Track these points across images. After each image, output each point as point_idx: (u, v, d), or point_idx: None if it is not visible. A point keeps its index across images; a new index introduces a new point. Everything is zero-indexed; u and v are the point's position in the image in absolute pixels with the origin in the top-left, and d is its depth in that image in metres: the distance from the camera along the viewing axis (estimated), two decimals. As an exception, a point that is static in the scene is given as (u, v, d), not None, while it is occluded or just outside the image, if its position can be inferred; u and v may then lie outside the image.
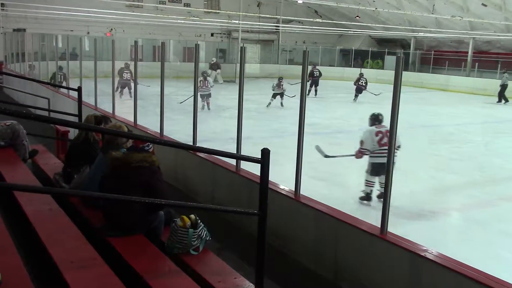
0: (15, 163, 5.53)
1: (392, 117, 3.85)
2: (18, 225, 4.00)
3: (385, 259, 3.97)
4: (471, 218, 7.26)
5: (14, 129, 6.04)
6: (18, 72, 17.95)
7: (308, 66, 5.18)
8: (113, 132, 4.19)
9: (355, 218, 4.34)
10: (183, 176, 6.86)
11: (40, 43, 17.59)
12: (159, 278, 3.24)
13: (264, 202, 3.35)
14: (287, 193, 4.97)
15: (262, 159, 3.29)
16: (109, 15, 27.10)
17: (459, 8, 26.81)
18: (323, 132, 13.01)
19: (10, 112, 2.62)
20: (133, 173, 3.86)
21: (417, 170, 9.37)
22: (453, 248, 5.27)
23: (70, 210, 4.25)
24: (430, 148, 11.84)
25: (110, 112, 9.02)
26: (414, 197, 7.70)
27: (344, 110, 18.44)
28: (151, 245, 3.72)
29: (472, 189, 8.64)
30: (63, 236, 3.64)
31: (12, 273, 2.82)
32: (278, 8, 33.56)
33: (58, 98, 11.84)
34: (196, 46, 6.89)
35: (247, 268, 4.10)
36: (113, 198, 3.68)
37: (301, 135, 4.78)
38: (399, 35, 34.73)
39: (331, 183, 8.32)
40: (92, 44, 13.55)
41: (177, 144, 4.98)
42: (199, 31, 33.35)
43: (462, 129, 15.28)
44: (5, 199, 4.45)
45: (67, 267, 3.13)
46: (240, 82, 5.77)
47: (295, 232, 4.91)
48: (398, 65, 3.83)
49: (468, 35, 29.53)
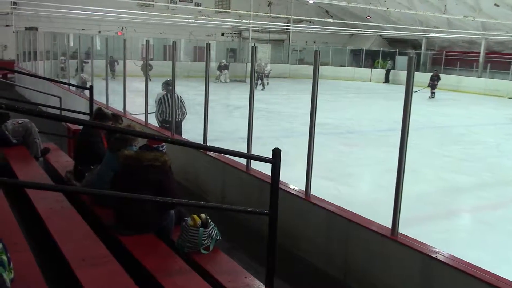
0: (27, 161, 5.58)
1: (404, 117, 3.82)
2: (30, 222, 4.03)
3: (395, 260, 3.95)
4: (482, 219, 7.21)
5: (26, 127, 6.10)
6: (30, 71, 18.08)
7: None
8: (125, 131, 4.21)
9: (366, 219, 4.31)
10: (194, 176, 6.88)
11: (51, 42, 17.72)
12: (169, 277, 3.25)
13: (275, 202, 3.34)
14: (298, 193, 4.96)
15: (273, 159, 3.28)
16: (120, 14, 27.25)
17: (471, 8, 26.59)
18: (334, 132, 12.98)
19: (23, 110, 2.65)
20: (145, 172, 3.87)
21: (428, 171, 9.32)
22: (464, 249, 5.23)
23: (82, 208, 4.28)
24: (441, 149, 11.77)
25: (121, 111, 9.05)
26: (425, 198, 7.66)
27: (355, 110, 18.39)
28: (161, 243, 3.73)
29: (483, 191, 8.58)
30: (74, 234, 3.67)
31: (24, 270, 2.85)
32: (288, 7, 33.52)
33: (70, 97, 11.92)
34: (207, 45, 6.89)
35: (258, 268, 4.10)
36: (124, 197, 3.70)
37: (312, 135, 4.76)
38: (410, 35, 34.52)
39: (342, 183, 8.30)
40: (103, 43, 13.60)
41: (188, 143, 4.99)
42: (209, 30, 33.42)
43: (473, 130, 15.17)
44: (17, 196, 4.49)
45: (79, 264, 3.15)
46: (251, 82, 5.76)
47: (306, 232, 4.90)
48: (410, 65, 3.80)
49: (480, 36, 29.29)
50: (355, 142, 12.35)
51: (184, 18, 29.57)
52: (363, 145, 11.90)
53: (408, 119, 3.81)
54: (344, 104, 19.99)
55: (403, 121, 3.82)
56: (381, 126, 14.47)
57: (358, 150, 11.22)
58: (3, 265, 2.63)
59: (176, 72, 7.41)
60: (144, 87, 8.27)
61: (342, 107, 18.87)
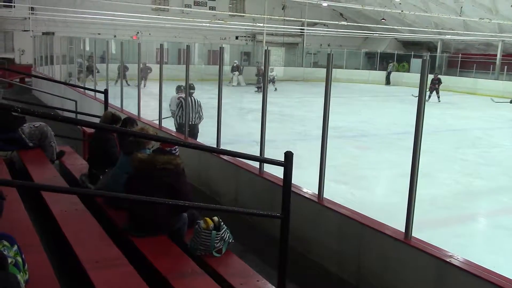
0: (43, 164, 5.64)
1: (418, 120, 3.80)
2: (45, 224, 4.08)
3: (409, 265, 3.91)
4: (499, 224, 7.12)
5: (42, 130, 6.16)
6: (47, 75, 18.32)
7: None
8: (138, 134, 4.24)
9: (379, 223, 4.28)
10: (207, 178, 6.90)
11: (68, 46, 17.93)
12: (182, 279, 3.27)
13: (287, 205, 3.34)
14: (310, 196, 4.94)
15: (285, 162, 3.29)
16: (135, 18, 27.49)
17: (487, 10, 26.32)
18: (348, 135, 12.93)
19: (39, 114, 2.69)
20: (158, 175, 3.89)
21: (444, 175, 9.24)
22: (479, 254, 5.17)
23: (96, 210, 4.31)
24: (457, 152, 11.66)
25: (135, 114, 9.12)
26: (440, 202, 7.59)
27: (369, 113, 18.30)
28: (174, 246, 3.75)
29: (499, 195, 8.47)
30: (88, 236, 3.70)
31: (39, 272, 2.88)
32: (303, 11, 33.51)
33: (85, 100, 12.04)
34: (221, 49, 6.90)
35: (270, 271, 4.09)
36: (137, 200, 3.73)
37: (324, 138, 4.75)
38: (425, 38, 34.28)
39: (355, 186, 8.26)
40: (118, 47, 13.72)
41: (201, 146, 5.02)
42: (224, 34, 33.56)
43: (490, 133, 14.99)
44: (33, 199, 4.54)
45: (92, 266, 3.18)
46: (264, 85, 5.77)
47: (318, 236, 4.88)
48: (424, 68, 3.78)
49: (496, 38, 28.98)
50: (369, 145, 12.29)
51: (199, 22, 29.75)
52: (377, 148, 11.84)
53: (421, 122, 3.78)
54: (358, 107, 19.89)
55: (417, 124, 3.79)
56: (395, 129, 14.38)
57: (372, 154, 11.16)
58: (18, 267, 2.66)
59: (190, 76, 7.45)
60: (158, 91, 8.32)
61: (356, 110, 18.78)
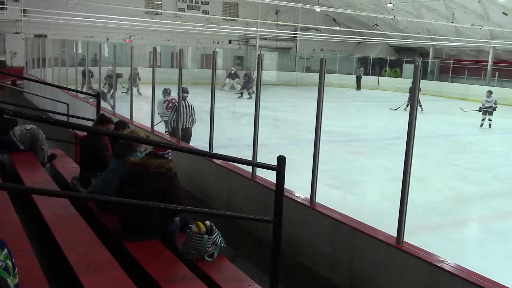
0: (34, 167, 5.61)
1: (410, 125, 3.81)
2: (36, 228, 4.05)
3: (401, 269, 3.92)
4: (490, 229, 7.15)
5: (33, 133, 6.13)
6: (39, 77, 18.22)
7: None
8: (131, 137, 4.22)
9: (371, 227, 4.29)
10: (199, 182, 6.88)
11: (60, 49, 17.84)
12: (173, 283, 3.25)
13: (280, 209, 3.34)
14: (303, 201, 4.95)
15: (278, 167, 3.29)
16: (128, 22, 27.42)
17: (479, 16, 26.53)
18: (340, 140, 12.96)
19: (30, 116, 2.67)
20: (151, 179, 3.88)
21: (435, 180, 9.27)
22: (471, 259, 5.19)
23: (87, 214, 4.29)
24: (448, 158, 11.72)
25: (128, 117, 9.09)
26: (432, 207, 7.61)
27: (361, 118, 18.36)
28: (166, 250, 3.73)
29: (491, 200, 8.52)
30: (79, 240, 3.68)
31: (29, 276, 2.85)
32: (296, 15, 33.59)
33: (77, 104, 11.99)
34: (214, 53, 6.90)
35: (262, 275, 4.08)
36: (129, 203, 3.71)
37: (317, 142, 4.76)
38: (417, 44, 34.48)
39: (347, 191, 8.27)
40: (111, 50, 13.67)
41: (194, 150, 5.00)
42: (217, 38, 33.54)
43: (482, 139, 15.09)
44: (23, 202, 4.51)
45: (83, 270, 3.16)
46: (257, 90, 5.76)
47: (310, 240, 4.88)
48: (416, 73, 3.81)
49: (488, 44, 29.20)
50: (361, 150, 12.33)
51: (192, 26, 29.71)
52: (369, 153, 11.87)
53: (413, 127, 3.80)
54: (350, 112, 19.95)
55: (409, 129, 3.81)
56: (388, 134, 14.43)
57: (364, 158, 11.19)
58: (7, 271, 2.63)
59: (183, 79, 7.44)
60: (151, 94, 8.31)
61: (348, 115, 18.85)
